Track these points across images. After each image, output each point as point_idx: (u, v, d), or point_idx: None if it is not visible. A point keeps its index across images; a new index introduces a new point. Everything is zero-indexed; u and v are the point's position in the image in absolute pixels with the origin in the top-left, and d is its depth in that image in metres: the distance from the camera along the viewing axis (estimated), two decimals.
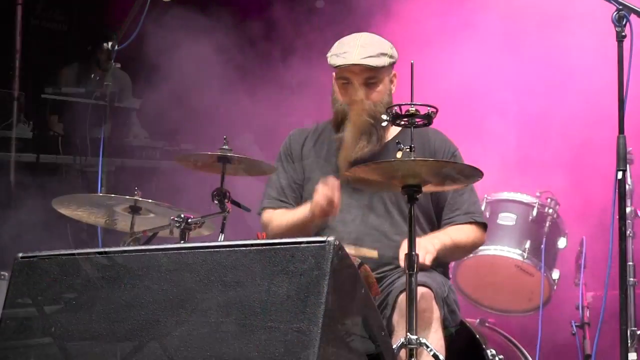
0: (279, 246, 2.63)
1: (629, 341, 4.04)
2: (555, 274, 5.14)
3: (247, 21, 6.74)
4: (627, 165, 4.27)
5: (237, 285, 2.62)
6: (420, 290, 3.66)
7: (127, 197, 4.23)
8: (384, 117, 3.53)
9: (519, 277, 5.15)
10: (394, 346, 3.37)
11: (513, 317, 5.31)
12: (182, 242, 3.93)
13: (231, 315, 2.59)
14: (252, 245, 2.66)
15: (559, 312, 5.22)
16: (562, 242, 5.24)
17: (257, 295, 2.59)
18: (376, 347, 2.76)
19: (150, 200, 4.22)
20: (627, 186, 4.35)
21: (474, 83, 5.82)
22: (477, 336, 4.41)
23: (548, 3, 5.74)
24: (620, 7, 3.96)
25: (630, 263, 4.43)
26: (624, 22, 3.97)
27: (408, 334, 3.40)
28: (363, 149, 4.14)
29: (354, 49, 4.14)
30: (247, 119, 6.17)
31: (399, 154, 3.48)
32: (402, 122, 3.50)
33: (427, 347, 3.48)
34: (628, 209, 4.49)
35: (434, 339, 3.71)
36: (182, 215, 3.98)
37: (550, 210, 5.24)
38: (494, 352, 4.38)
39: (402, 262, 3.54)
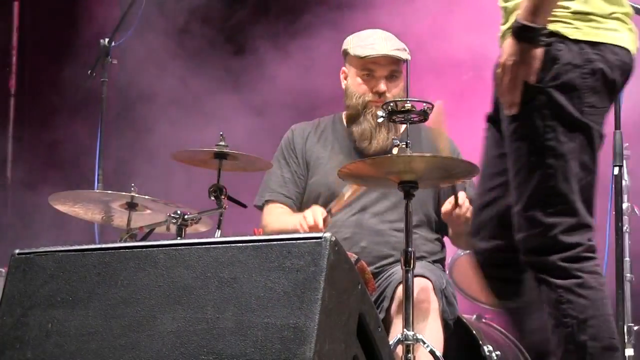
0: (275, 242, 2.62)
1: (625, 337, 4.05)
2: None
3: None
4: (624, 161, 4.27)
5: (233, 282, 2.61)
6: (419, 281, 3.66)
7: (124, 193, 4.23)
8: (380, 113, 3.52)
9: None
10: (391, 342, 3.37)
11: None
12: (178, 238, 3.93)
13: (227, 311, 2.58)
14: (248, 241, 2.66)
15: None
16: None
17: (254, 292, 2.58)
18: (373, 344, 2.75)
19: (147, 197, 4.21)
20: (623, 182, 4.34)
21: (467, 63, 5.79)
22: (474, 332, 4.41)
23: None
24: None
25: (627, 259, 4.44)
26: None
27: (405, 329, 3.40)
28: (385, 141, 4.12)
29: (380, 41, 4.13)
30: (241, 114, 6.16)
31: (394, 150, 3.49)
32: (398, 119, 3.50)
33: (424, 343, 3.48)
34: (624, 205, 4.49)
35: (433, 329, 3.71)
36: (179, 212, 3.98)
37: None
38: (490, 348, 4.37)
39: None
